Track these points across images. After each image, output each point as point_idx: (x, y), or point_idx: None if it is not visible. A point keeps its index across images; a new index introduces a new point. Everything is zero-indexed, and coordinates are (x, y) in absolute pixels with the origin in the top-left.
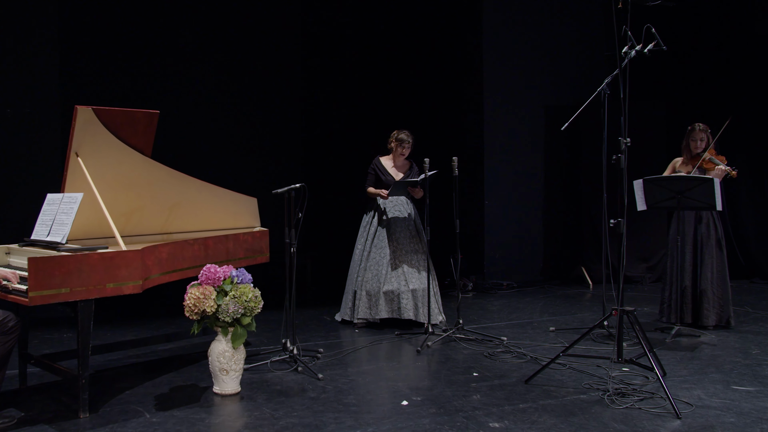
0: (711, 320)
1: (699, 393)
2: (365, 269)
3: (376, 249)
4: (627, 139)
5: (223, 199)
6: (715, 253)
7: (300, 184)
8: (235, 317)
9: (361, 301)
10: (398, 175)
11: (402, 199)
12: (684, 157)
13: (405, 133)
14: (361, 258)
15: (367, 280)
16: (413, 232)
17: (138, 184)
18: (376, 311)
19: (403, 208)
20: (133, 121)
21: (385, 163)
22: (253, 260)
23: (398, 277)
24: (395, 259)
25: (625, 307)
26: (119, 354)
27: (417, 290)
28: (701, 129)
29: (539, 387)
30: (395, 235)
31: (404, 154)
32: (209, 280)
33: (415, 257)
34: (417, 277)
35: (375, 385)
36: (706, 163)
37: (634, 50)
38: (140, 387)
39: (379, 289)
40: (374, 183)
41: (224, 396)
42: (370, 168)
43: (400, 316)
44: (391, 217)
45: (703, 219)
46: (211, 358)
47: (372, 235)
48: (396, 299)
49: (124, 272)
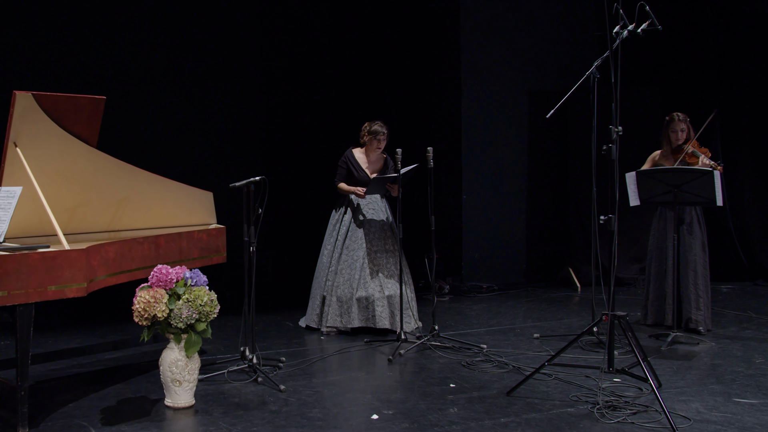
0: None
1: (698, 406)
2: (336, 272)
3: (348, 251)
4: (619, 128)
5: (176, 193)
6: (699, 256)
7: (260, 177)
8: (188, 323)
9: (331, 307)
10: (374, 172)
11: (377, 197)
12: (664, 149)
13: (378, 124)
14: (330, 260)
15: (338, 285)
16: (388, 233)
17: (83, 176)
18: (348, 319)
19: (379, 206)
20: (77, 107)
21: (358, 158)
22: (208, 260)
23: (373, 283)
24: (370, 263)
25: (616, 311)
26: (62, 363)
27: (393, 296)
28: (680, 119)
29: (522, 399)
30: (369, 236)
31: (380, 147)
32: (160, 282)
33: (392, 261)
34: (394, 283)
35: (342, 397)
36: (689, 157)
37: (626, 30)
38: (85, 399)
39: (351, 295)
40: (346, 179)
41: (177, 409)
42: (342, 161)
43: (374, 324)
44: (365, 217)
45: (686, 220)
46: (162, 367)
47: (343, 235)
48: (370, 306)
49: (67, 273)
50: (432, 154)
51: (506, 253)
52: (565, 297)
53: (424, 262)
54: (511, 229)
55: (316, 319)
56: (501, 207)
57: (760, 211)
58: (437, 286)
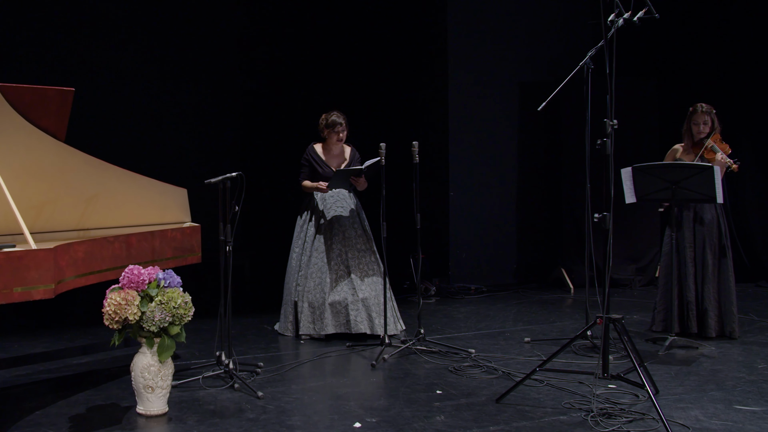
0: (713, 331)
1: (697, 413)
2: (306, 277)
3: (317, 253)
4: (614, 121)
5: (148, 190)
6: (720, 260)
7: (237, 173)
8: (161, 326)
9: (303, 314)
10: (339, 166)
11: (344, 192)
12: (685, 143)
13: (335, 114)
14: (299, 263)
15: (309, 290)
16: (359, 231)
17: (50, 172)
18: (321, 326)
19: (346, 203)
20: (45, 99)
21: (320, 153)
22: (182, 260)
23: (346, 285)
24: (341, 264)
25: (611, 314)
26: (28, 369)
27: (368, 299)
28: (704, 110)
29: (512, 407)
30: (339, 236)
31: (341, 139)
32: (132, 283)
33: (364, 260)
34: (368, 284)
35: (323, 404)
36: (707, 152)
37: (621, 18)
38: (53, 407)
39: (323, 300)
40: (310, 176)
41: (149, 417)
42: (304, 158)
43: (350, 330)
44: (333, 215)
45: (706, 219)
46: (134, 373)
47: (312, 236)
48: (344, 311)
49: (33, 274)
50: (417, 149)
51: (495, 253)
52: (558, 299)
53: (409, 263)
54: (500, 228)
55: (291, 327)
56: (490, 204)
57: (762, 209)
58: (423, 287)
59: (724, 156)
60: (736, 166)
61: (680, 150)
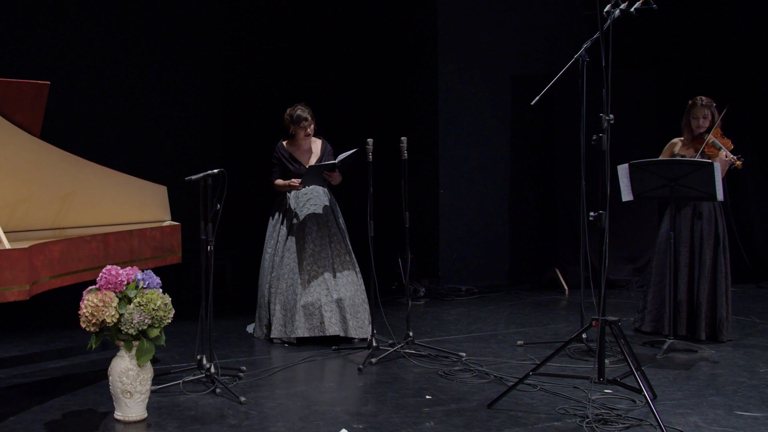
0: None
1: (696, 419)
2: (278, 278)
3: (289, 253)
4: (610, 116)
5: (126, 187)
6: (718, 258)
7: (218, 170)
8: (140, 329)
9: (275, 316)
10: (311, 161)
11: (317, 189)
12: (684, 137)
13: (299, 108)
14: (272, 264)
15: (281, 292)
16: (333, 229)
17: (25, 169)
18: (291, 329)
19: (320, 200)
20: (19, 93)
21: (291, 149)
22: (162, 260)
23: (319, 286)
24: (314, 264)
25: (607, 316)
26: (2, 373)
27: (343, 299)
28: (704, 104)
29: (505, 412)
30: (312, 235)
31: (309, 134)
32: (110, 284)
33: (339, 259)
34: (344, 284)
35: (308, 410)
36: (708, 148)
37: (618, 9)
38: (27, 412)
39: (295, 302)
40: (282, 174)
41: (128, 423)
42: (274, 157)
43: (323, 333)
44: (306, 213)
45: (704, 214)
46: (111, 377)
47: (284, 236)
48: (317, 313)
49: (7, 275)
50: (406, 144)
51: (487, 253)
52: (552, 300)
53: (397, 263)
54: (492, 227)
55: (266, 331)
56: (481, 202)
57: (764, 208)
58: (412, 288)
59: (728, 153)
60: (740, 162)
61: (679, 144)
